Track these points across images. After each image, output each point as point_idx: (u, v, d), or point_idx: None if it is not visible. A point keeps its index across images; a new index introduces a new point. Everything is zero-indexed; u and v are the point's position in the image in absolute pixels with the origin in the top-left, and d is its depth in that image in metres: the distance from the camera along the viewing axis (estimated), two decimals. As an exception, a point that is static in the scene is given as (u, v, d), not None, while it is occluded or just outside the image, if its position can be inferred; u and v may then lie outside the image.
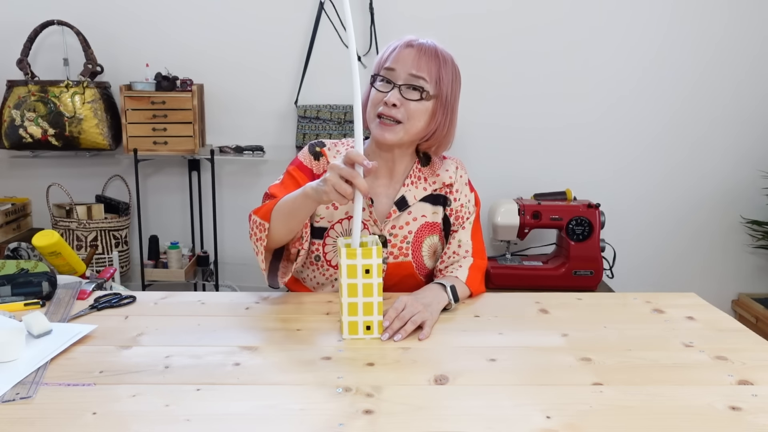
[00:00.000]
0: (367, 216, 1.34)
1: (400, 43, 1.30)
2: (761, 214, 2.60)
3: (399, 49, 1.29)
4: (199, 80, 2.40)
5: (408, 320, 1.11)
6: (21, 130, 2.25)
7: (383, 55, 1.31)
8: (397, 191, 1.37)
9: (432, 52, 1.28)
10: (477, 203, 1.46)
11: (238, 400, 0.87)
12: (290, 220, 1.22)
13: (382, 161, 1.36)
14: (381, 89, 1.28)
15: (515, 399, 0.88)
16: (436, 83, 1.28)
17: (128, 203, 2.49)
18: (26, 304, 1.22)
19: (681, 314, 1.23)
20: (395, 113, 1.26)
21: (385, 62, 1.29)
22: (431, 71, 1.27)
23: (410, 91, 1.27)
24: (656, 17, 2.46)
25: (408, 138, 1.30)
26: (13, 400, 0.85)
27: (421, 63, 1.26)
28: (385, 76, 1.28)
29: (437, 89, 1.28)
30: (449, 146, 1.39)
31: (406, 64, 1.26)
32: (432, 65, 1.27)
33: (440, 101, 1.30)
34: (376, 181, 1.38)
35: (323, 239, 1.35)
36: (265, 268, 1.29)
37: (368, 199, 1.34)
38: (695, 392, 0.91)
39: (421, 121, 1.29)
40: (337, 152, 1.38)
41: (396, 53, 1.28)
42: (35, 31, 2.30)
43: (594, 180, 2.58)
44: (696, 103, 2.53)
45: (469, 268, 1.35)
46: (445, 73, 1.29)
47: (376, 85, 1.29)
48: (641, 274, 2.66)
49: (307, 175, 1.35)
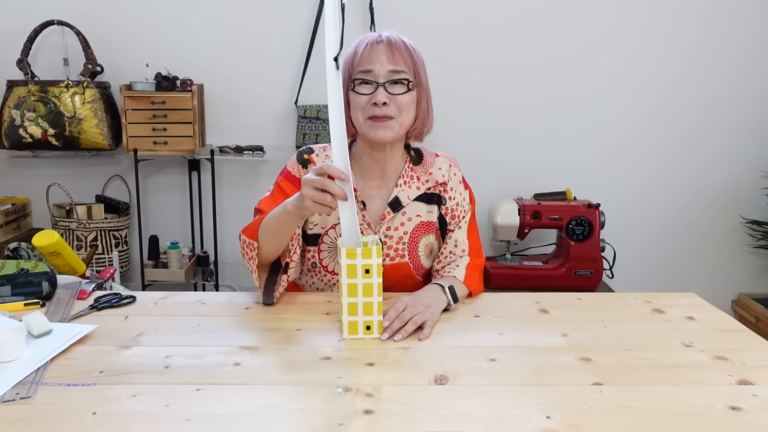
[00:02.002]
0: (360, 220, 1.33)
1: (365, 42, 1.28)
2: (761, 214, 2.60)
3: (369, 48, 1.27)
4: (199, 80, 2.40)
5: (408, 320, 1.11)
6: (21, 130, 2.25)
7: (351, 59, 1.28)
8: (389, 192, 1.37)
9: (400, 43, 1.27)
10: (472, 200, 1.45)
11: (238, 400, 0.87)
12: (277, 236, 1.21)
13: (373, 162, 1.35)
14: (364, 92, 1.26)
15: (515, 399, 0.88)
16: (413, 72, 1.28)
17: (128, 203, 2.49)
18: (26, 304, 1.22)
19: (681, 314, 1.23)
20: (387, 111, 1.25)
21: (358, 65, 1.26)
22: (407, 62, 1.27)
23: (395, 86, 1.26)
24: (658, 19, 2.46)
25: (402, 131, 1.30)
26: (13, 400, 0.85)
27: (396, 56, 1.26)
28: (364, 78, 1.26)
29: (416, 77, 1.29)
30: (431, 128, 1.38)
31: (382, 62, 1.25)
32: (405, 56, 1.27)
33: (421, 87, 1.30)
34: (367, 183, 1.37)
35: (318, 246, 1.35)
36: (260, 285, 1.26)
37: (360, 203, 1.34)
38: (695, 392, 0.91)
39: (411, 111, 1.30)
40: (326, 156, 1.37)
41: (367, 53, 1.26)
42: (35, 31, 2.30)
43: (594, 180, 2.58)
44: (696, 104, 2.53)
45: (467, 267, 1.35)
46: (417, 59, 1.29)
47: (357, 89, 1.27)
48: (641, 274, 2.66)
49: (295, 185, 1.34)
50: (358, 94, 1.27)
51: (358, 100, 1.27)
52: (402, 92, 1.26)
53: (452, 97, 2.50)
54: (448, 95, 2.49)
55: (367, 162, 1.36)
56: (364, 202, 1.35)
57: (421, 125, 1.34)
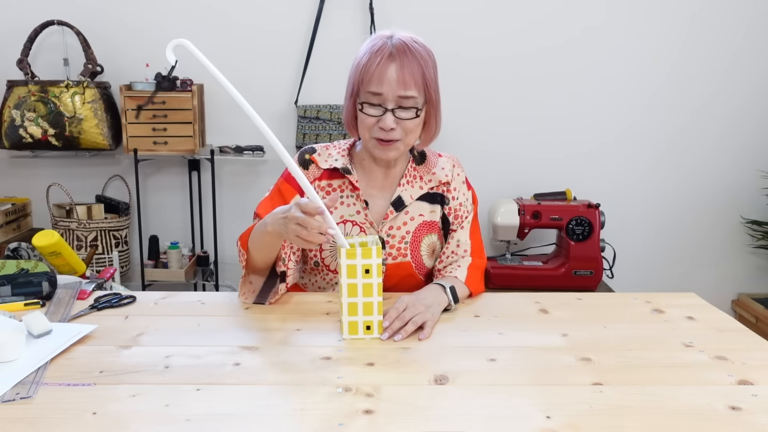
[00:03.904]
0: (363, 219, 1.34)
1: (378, 58, 1.21)
2: (761, 214, 2.60)
3: (380, 66, 1.21)
4: (199, 80, 2.40)
5: (409, 320, 1.11)
6: (21, 130, 2.25)
7: (361, 72, 1.24)
8: (393, 192, 1.37)
9: (413, 58, 1.22)
10: (474, 201, 1.45)
11: (238, 400, 0.87)
12: (262, 250, 1.21)
13: (376, 164, 1.36)
14: (372, 113, 1.24)
15: (515, 399, 0.88)
16: (424, 91, 1.25)
17: (128, 203, 2.49)
18: (26, 304, 1.22)
19: (681, 314, 1.23)
20: (393, 135, 1.24)
21: (368, 83, 1.22)
22: (419, 84, 1.23)
23: (403, 112, 1.24)
24: (659, 19, 2.45)
25: (407, 149, 1.32)
26: (13, 400, 0.85)
27: (407, 79, 1.21)
28: (372, 102, 1.23)
29: (426, 95, 1.26)
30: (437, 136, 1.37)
31: (392, 86, 1.21)
32: (417, 74, 1.22)
33: (431, 104, 1.28)
34: (370, 182, 1.37)
35: (320, 245, 1.34)
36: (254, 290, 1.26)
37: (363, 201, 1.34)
38: (695, 392, 0.91)
39: (417, 131, 1.30)
40: (328, 155, 1.36)
41: (377, 72, 1.21)
42: (35, 31, 2.30)
43: (594, 180, 2.58)
44: (696, 104, 2.53)
45: (468, 268, 1.35)
46: (428, 74, 1.25)
47: (366, 110, 1.25)
48: (641, 274, 2.66)
49: (294, 188, 1.34)
50: (366, 115, 1.25)
51: (366, 120, 1.26)
52: (410, 117, 1.24)
53: (452, 97, 2.49)
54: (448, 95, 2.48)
55: (370, 165, 1.37)
56: (366, 201, 1.35)
57: (427, 138, 1.35)
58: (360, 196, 1.34)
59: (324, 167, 1.35)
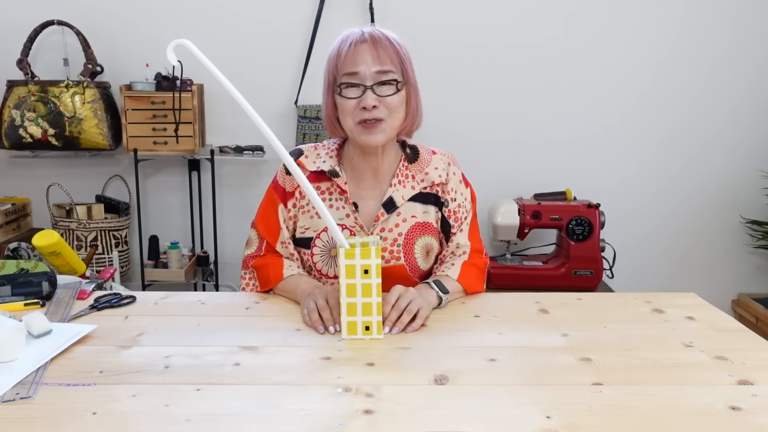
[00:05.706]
0: (353, 222, 1.31)
1: (348, 42, 1.23)
2: (761, 214, 2.60)
3: (352, 48, 1.22)
4: (199, 80, 2.40)
5: (404, 309, 1.12)
6: (21, 130, 2.25)
7: (335, 59, 1.24)
8: (383, 192, 1.33)
9: (384, 40, 1.23)
10: (473, 198, 1.42)
11: (238, 400, 0.87)
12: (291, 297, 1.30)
13: (365, 163, 1.32)
14: (351, 95, 1.23)
15: (515, 399, 0.88)
16: (401, 69, 1.24)
17: (128, 203, 2.49)
18: (26, 304, 1.22)
19: (681, 314, 1.22)
20: (377, 113, 1.22)
21: (342, 66, 1.22)
22: (394, 60, 1.23)
23: (383, 87, 1.22)
24: (658, 21, 2.46)
25: (394, 132, 1.28)
26: (13, 400, 0.85)
27: (382, 55, 1.21)
28: (350, 81, 1.22)
29: (404, 75, 1.25)
30: (421, 124, 1.36)
31: (367, 63, 1.21)
32: (392, 53, 1.23)
33: (409, 85, 1.28)
34: (360, 183, 1.34)
35: (311, 249, 1.33)
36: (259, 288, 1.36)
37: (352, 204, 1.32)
38: (695, 392, 0.91)
39: (401, 111, 1.27)
40: (317, 156, 1.34)
41: (351, 53, 1.22)
42: (35, 31, 2.30)
43: (594, 180, 2.58)
44: (696, 104, 2.53)
45: (462, 265, 1.33)
46: (403, 56, 1.25)
47: (344, 93, 1.23)
48: (641, 274, 2.66)
49: (279, 195, 1.35)
50: (346, 98, 1.23)
51: (346, 104, 1.24)
52: (391, 93, 1.23)
53: (452, 97, 2.50)
54: (448, 95, 2.49)
55: (360, 163, 1.33)
56: (356, 204, 1.32)
57: (411, 123, 1.32)
58: (348, 199, 1.31)
59: (311, 169, 1.33)
